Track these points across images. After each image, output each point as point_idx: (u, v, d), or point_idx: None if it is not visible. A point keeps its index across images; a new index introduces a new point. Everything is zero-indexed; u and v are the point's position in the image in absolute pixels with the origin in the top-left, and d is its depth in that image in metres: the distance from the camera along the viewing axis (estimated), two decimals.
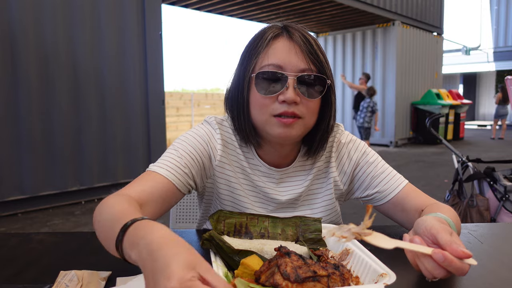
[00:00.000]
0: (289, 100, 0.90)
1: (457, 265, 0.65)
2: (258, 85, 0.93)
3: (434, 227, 0.71)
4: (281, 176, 1.05)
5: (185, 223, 1.47)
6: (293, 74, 0.91)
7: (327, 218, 1.08)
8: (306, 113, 0.93)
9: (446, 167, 7.13)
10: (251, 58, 0.95)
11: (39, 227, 4.00)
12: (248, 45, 0.99)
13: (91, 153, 4.95)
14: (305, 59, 0.92)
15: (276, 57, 0.93)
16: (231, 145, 1.04)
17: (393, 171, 1.06)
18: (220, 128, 1.04)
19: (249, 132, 0.99)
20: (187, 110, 12.34)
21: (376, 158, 1.08)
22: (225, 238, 0.85)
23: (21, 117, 4.35)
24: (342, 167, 1.08)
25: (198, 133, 1.02)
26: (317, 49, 0.95)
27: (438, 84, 12.45)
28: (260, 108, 0.94)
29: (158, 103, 5.61)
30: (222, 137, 1.02)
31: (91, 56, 4.88)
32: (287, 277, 0.62)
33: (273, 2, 8.35)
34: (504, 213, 2.92)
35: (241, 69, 0.97)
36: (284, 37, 0.95)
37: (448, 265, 0.65)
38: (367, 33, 10.76)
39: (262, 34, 0.97)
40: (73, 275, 0.74)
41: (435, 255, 0.65)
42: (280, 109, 0.91)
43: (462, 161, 3.34)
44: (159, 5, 5.55)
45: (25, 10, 4.30)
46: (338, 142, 1.09)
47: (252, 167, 1.04)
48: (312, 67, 0.93)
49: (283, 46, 0.94)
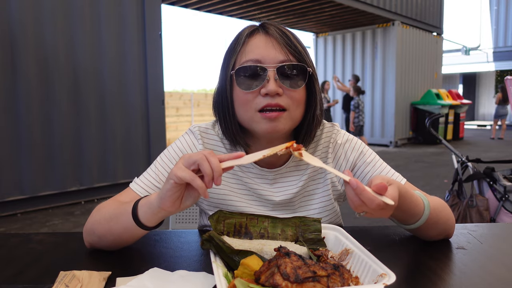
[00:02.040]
0: (271, 92, 0.90)
1: (368, 195, 0.70)
2: (239, 81, 0.93)
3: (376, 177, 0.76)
4: (274, 176, 1.04)
5: (184, 223, 1.47)
6: (272, 66, 0.92)
7: (326, 219, 1.07)
8: (290, 104, 0.93)
9: (445, 167, 7.13)
10: (230, 58, 0.97)
11: (38, 227, 4.00)
12: (228, 47, 1.00)
13: (91, 153, 4.95)
14: (283, 50, 0.93)
15: (253, 52, 0.93)
16: (217, 152, 1.04)
17: (391, 170, 1.06)
18: (203, 137, 1.05)
19: (236, 133, 0.99)
20: (187, 110, 12.34)
21: (373, 157, 1.07)
22: (225, 238, 0.85)
23: (20, 117, 4.35)
24: (339, 168, 1.08)
25: (179, 146, 1.05)
26: (295, 40, 0.96)
27: (438, 84, 12.46)
28: (244, 105, 0.94)
29: (158, 103, 5.61)
30: (204, 146, 1.04)
31: (91, 56, 4.88)
32: (287, 277, 0.62)
33: (272, 2, 8.35)
34: (504, 213, 2.92)
35: (222, 70, 0.99)
36: (260, 33, 0.96)
37: (360, 193, 0.70)
38: (366, 33, 10.76)
39: (239, 34, 0.99)
40: (73, 276, 0.74)
41: (351, 181, 0.71)
42: (264, 102, 0.91)
43: (462, 161, 3.34)
44: (158, 5, 5.55)
45: (24, 10, 4.30)
46: (335, 143, 1.08)
47: (244, 169, 1.04)
48: (291, 57, 0.93)
49: (260, 41, 0.95)
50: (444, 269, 0.81)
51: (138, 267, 0.81)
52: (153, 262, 0.84)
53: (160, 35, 5.55)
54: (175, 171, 0.73)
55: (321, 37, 11.70)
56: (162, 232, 1.05)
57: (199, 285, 0.72)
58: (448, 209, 0.98)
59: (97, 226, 0.90)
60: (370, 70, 10.75)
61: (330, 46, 11.55)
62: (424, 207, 0.88)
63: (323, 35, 11.66)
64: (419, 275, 0.79)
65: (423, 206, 0.88)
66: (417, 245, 0.96)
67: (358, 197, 0.71)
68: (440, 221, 0.93)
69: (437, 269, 0.81)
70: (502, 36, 18.50)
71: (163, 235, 1.02)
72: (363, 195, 0.70)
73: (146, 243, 0.96)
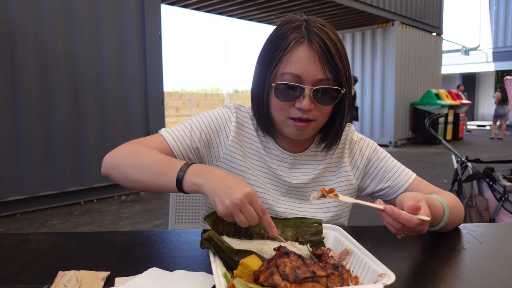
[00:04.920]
0: (305, 109, 0.97)
1: (405, 217, 0.77)
2: (278, 92, 0.99)
3: (404, 198, 0.83)
4: (293, 161, 1.11)
5: (184, 223, 1.47)
6: (310, 85, 0.96)
7: (333, 210, 1.11)
8: (319, 116, 1.01)
9: (445, 167, 7.13)
10: (272, 63, 0.99)
11: (38, 227, 3.99)
12: (270, 43, 1.01)
13: (90, 153, 4.95)
14: (322, 69, 0.96)
15: (295, 66, 0.96)
16: (247, 128, 1.12)
17: (401, 166, 1.15)
18: (237, 112, 1.12)
19: (268, 126, 1.07)
20: (187, 110, 12.34)
21: (386, 154, 1.17)
22: (224, 238, 0.85)
23: (20, 117, 4.34)
24: (355, 163, 1.16)
25: (216, 114, 1.11)
26: (336, 55, 0.97)
27: (438, 84, 12.46)
28: (278, 111, 1.01)
29: (157, 103, 5.60)
30: (237, 120, 1.11)
31: (90, 56, 4.87)
32: (286, 277, 0.62)
33: (272, 2, 8.35)
34: (503, 213, 2.92)
35: (262, 70, 1.02)
36: (304, 45, 0.97)
37: (397, 217, 0.77)
38: (366, 34, 10.77)
39: (284, 36, 0.99)
40: (71, 276, 0.74)
41: (386, 208, 0.78)
42: (296, 114, 0.99)
43: (461, 161, 3.34)
44: (158, 5, 5.55)
45: (24, 10, 4.30)
46: (351, 140, 1.17)
47: (267, 150, 1.12)
48: (329, 75, 0.97)
49: (304, 54, 0.96)
50: (444, 269, 0.81)
51: (137, 267, 0.80)
52: (152, 262, 0.83)
53: (160, 35, 5.54)
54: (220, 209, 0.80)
55: None
56: (161, 232, 1.05)
57: (198, 285, 0.72)
58: (459, 202, 1.07)
59: (128, 169, 0.95)
60: (369, 70, 10.75)
61: None
62: (444, 209, 0.96)
63: None
64: (419, 274, 0.79)
65: (443, 210, 0.96)
66: (416, 245, 0.96)
67: (396, 221, 0.78)
68: (456, 217, 1.02)
69: (437, 268, 0.81)
70: (501, 36, 18.51)
71: (162, 235, 1.02)
72: (400, 218, 0.77)
73: (146, 243, 0.96)
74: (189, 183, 0.85)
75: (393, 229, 0.79)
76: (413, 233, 0.80)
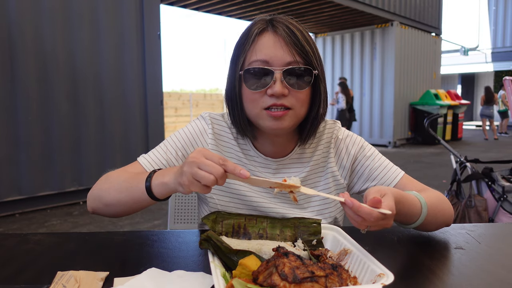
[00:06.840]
0: (277, 94, 0.93)
1: (365, 210, 0.73)
2: (247, 81, 0.97)
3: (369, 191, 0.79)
4: (277, 166, 1.08)
5: (183, 223, 1.47)
6: (279, 68, 0.94)
7: (327, 212, 1.09)
8: (295, 103, 0.97)
9: (444, 167, 7.14)
10: (240, 56, 0.99)
11: (37, 227, 3.99)
12: (237, 42, 1.02)
13: (89, 153, 4.94)
14: (290, 51, 0.94)
15: (262, 52, 0.95)
16: (225, 138, 1.10)
17: (389, 163, 1.11)
18: (213, 122, 1.10)
19: (244, 125, 1.03)
20: (186, 111, 12.34)
21: (373, 151, 1.12)
22: (223, 238, 0.85)
23: (19, 117, 4.34)
24: (341, 162, 1.12)
25: (190, 128, 1.10)
26: (303, 39, 0.96)
27: (437, 84, 12.47)
28: (251, 102, 0.98)
29: (157, 104, 5.60)
30: (213, 131, 1.09)
31: (90, 56, 4.87)
32: (285, 277, 0.62)
33: (272, 3, 8.35)
34: (502, 214, 2.93)
35: (232, 66, 1.01)
36: (269, 32, 0.97)
37: (357, 210, 0.73)
38: (365, 34, 10.77)
39: (248, 30, 1.00)
40: (70, 276, 0.74)
41: (346, 201, 0.74)
42: (270, 101, 0.95)
43: (460, 162, 3.35)
44: (157, 5, 5.55)
45: (23, 10, 4.29)
46: (336, 138, 1.13)
47: (249, 158, 1.09)
48: (298, 58, 0.95)
49: (268, 40, 0.96)
50: (443, 269, 0.81)
51: (136, 267, 0.80)
52: (151, 262, 0.83)
53: (159, 35, 5.54)
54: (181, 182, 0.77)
55: (320, 37, 11.70)
56: (160, 232, 1.05)
57: (197, 285, 0.72)
58: (444, 201, 1.02)
59: (105, 194, 0.94)
60: (368, 71, 10.75)
61: (329, 47, 11.55)
62: (421, 206, 0.92)
63: (322, 35, 11.67)
64: (417, 275, 0.79)
65: (420, 206, 0.92)
66: (415, 245, 0.96)
67: (357, 215, 0.74)
68: (438, 215, 0.97)
69: (436, 269, 0.81)
70: (500, 36, 18.52)
71: (161, 235, 1.02)
72: (360, 211, 0.73)
73: (144, 243, 0.96)
74: (158, 184, 0.85)
75: (355, 222, 0.75)
76: (376, 227, 0.76)
